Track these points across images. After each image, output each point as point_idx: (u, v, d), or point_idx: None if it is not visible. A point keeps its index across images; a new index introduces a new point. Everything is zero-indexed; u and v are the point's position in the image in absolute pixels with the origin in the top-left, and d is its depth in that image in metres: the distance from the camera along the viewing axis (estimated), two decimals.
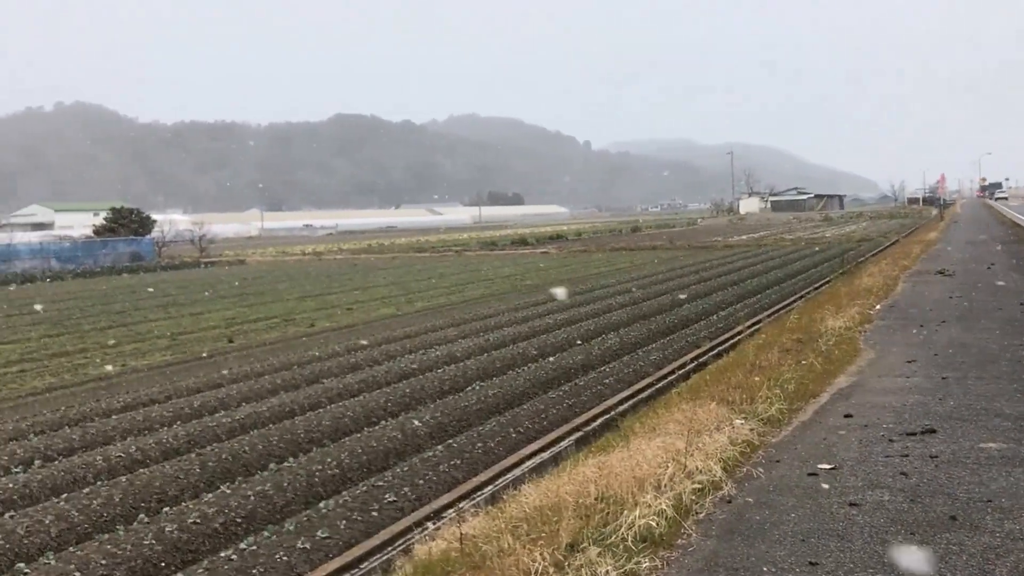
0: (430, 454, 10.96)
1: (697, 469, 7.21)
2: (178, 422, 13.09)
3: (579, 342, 18.88)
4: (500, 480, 10.04)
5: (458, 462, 10.69)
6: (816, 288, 27.46)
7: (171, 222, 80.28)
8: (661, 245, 61.60)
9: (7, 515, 9.07)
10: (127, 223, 70.15)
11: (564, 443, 11.57)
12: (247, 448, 11.23)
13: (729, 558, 5.81)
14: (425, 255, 64.50)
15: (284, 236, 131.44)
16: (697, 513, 6.59)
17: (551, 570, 5.38)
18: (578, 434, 11.99)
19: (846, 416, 9.36)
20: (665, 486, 6.81)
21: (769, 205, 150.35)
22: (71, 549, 8.14)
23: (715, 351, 17.39)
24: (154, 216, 77.16)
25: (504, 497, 8.43)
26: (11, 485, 10.06)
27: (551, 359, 16.90)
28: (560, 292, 29.76)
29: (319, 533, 8.37)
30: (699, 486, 6.96)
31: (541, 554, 5.48)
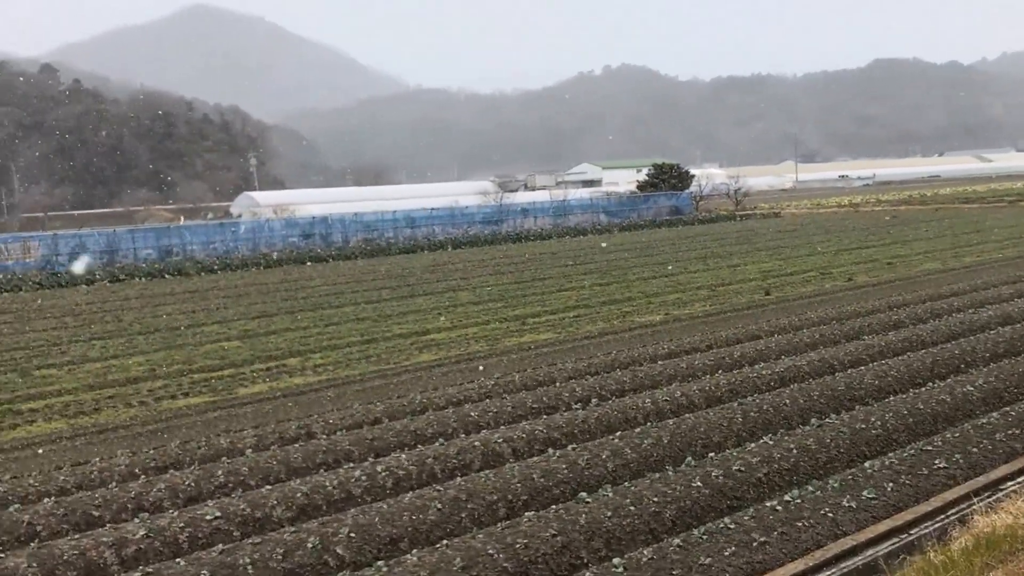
0: (984, 421, 10.16)
1: None
2: (719, 371, 13.56)
3: None
4: None
5: (1017, 432, 9.79)
6: None
7: (708, 176, 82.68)
8: None
9: (570, 447, 10.09)
10: (667, 178, 73.45)
11: None
12: (787, 401, 11.30)
13: None
14: (973, 206, 59.70)
15: (818, 188, 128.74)
16: None
17: None
18: None
19: None
20: None
21: None
22: (626, 484, 8.80)
23: None
24: (692, 171, 79.84)
25: None
26: (573, 420, 11.17)
27: None
28: None
29: (864, 493, 8.18)
30: None
31: None
